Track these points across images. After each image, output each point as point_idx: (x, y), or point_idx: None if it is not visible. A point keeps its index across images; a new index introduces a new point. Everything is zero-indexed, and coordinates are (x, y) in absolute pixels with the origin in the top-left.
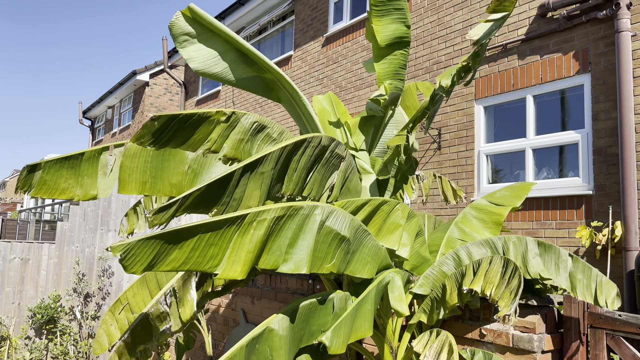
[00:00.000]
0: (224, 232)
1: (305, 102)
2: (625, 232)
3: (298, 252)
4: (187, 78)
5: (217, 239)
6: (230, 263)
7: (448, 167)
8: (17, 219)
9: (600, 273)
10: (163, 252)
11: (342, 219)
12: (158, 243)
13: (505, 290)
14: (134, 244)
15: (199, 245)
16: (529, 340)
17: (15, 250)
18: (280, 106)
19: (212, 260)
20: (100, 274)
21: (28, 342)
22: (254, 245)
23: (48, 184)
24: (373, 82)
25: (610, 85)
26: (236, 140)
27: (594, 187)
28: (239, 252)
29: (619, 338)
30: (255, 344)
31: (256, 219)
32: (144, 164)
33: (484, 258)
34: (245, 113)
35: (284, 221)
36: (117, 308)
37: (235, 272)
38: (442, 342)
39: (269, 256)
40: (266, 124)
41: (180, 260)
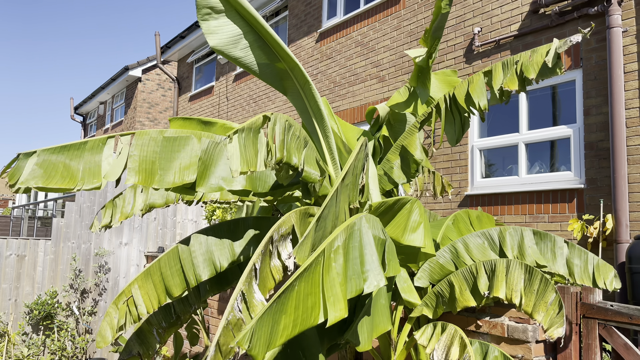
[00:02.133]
0: (313, 274)
1: (315, 95)
2: (616, 225)
3: (370, 267)
4: (180, 73)
5: (309, 286)
6: (332, 305)
7: (442, 162)
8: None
9: (596, 256)
10: (276, 324)
11: (377, 223)
12: (269, 317)
13: (540, 303)
14: (253, 327)
15: (299, 303)
16: (523, 331)
17: (11, 247)
18: (275, 101)
19: (315, 310)
20: (97, 270)
21: (25, 338)
22: (342, 278)
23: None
24: (367, 78)
25: (602, 80)
26: (280, 142)
27: (585, 180)
28: (334, 290)
29: (611, 327)
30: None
31: (331, 249)
32: (152, 155)
33: (498, 261)
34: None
35: (347, 241)
36: (120, 301)
37: (341, 311)
38: (450, 335)
39: (350, 283)
40: (292, 123)
41: (289, 326)
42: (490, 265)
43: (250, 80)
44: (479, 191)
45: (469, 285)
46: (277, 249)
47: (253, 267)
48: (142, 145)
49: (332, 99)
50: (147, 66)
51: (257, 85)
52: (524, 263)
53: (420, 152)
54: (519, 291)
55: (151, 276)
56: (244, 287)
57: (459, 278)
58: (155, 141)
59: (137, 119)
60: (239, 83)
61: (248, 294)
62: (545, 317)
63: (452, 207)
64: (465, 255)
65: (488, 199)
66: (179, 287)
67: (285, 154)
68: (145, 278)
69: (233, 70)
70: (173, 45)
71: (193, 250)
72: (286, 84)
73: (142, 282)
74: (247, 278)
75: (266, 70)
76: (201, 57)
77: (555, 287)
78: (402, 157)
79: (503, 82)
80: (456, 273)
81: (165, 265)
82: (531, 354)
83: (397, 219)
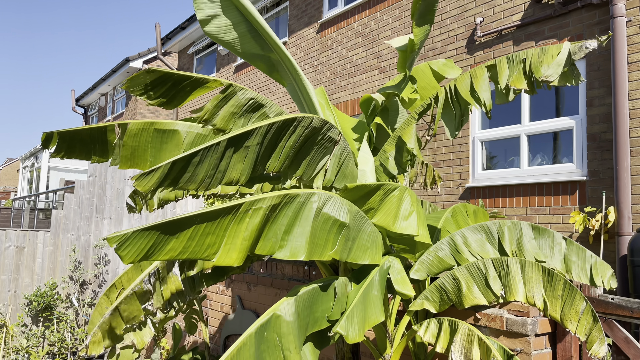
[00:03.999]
0: (220, 221)
1: (306, 85)
2: (618, 218)
3: (295, 239)
4: (181, 65)
5: (213, 228)
6: (226, 251)
7: (443, 154)
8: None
9: (594, 255)
10: (160, 243)
11: (340, 205)
12: (154, 234)
13: (571, 312)
14: (129, 235)
15: (195, 235)
16: (522, 324)
17: (10, 239)
18: (275, 93)
19: (209, 249)
20: (97, 262)
21: (25, 330)
22: (249, 233)
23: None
24: (368, 69)
25: (605, 71)
26: (229, 113)
27: (587, 172)
28: (235, 240)
29: (612, 321)
30: (264, 331)
31: (252, 207)
32: (144, 144)
33: (511, 261)
34: (242, 88)
35: (280, 209)
36: (112, 292)
37: (231, 259)
38: (465, 335)
39: (265, 242)
40: (264, 103)
41: (177, 249)
42: (500, 263)
43: (250, 72)
44: (480, 183)
45: (477, 283)
46: None
47: None
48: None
49: (332, 90)
50: (148, 57)
51: (257, 77)
52: (541, 265)
53: (414, 142)
54: (540, 294)
55: (141, 268)
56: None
57: (464, 274)
58: (146, 132)
59: (138, 110)
60: (240, 74)
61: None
62: (580, 327)
63: (453, 200)
64: (464, 248)
65: (489, 191)
66: None
67: (232, 127)
68: (134, 270)
69: (234, 62)
70: (174, 36)
71: None
72: (280, 74)
73: (132, 274)
74: None
75: (259, 60)
76: (202, 49)
77: None
78: (397, 147)
79: (510, 80)
80: (460, 268)
81: None
82: (530, 347)
83: (385, 207)
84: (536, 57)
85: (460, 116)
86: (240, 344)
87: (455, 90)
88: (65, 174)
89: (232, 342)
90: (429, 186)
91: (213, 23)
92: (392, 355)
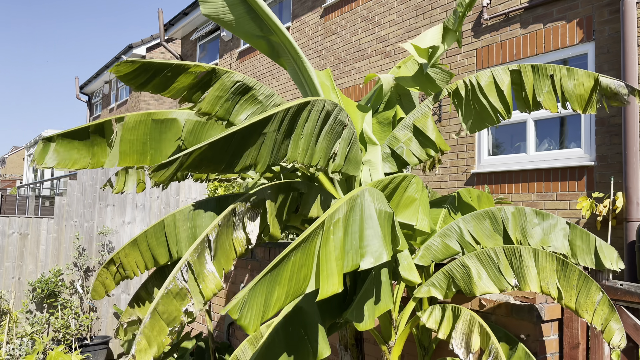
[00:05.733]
0: (308, 248)
1: (308, 68)
2: (627, 203)
3: (369, 243)
4: (184, 51)
5: (304, 258)
6: (325, 279)
7: (448, 140)
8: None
9: (598, 239)
10: (269, 296)
11: (382, 197)
12: (262, 288)
13: (587, 303)
14: (246, 298)
15: (293, 274)
16: (529, 310)
17: (13, 225)
18: (279, 79)
19: (305, 282)
20: (101, 249)
21: (29, 316)
22: (339, 252)
23: (62, 155)
24: (372, 54)
25: (614, 53)
26: (214, 97)
27: (595, 158)
28: (329, 264)
29: (621, 307)
30: (289, 326)
31: (332, 222)
32: (143, 137)
33: (523, 249)
34: (227, 71)
35: (349, 215)
36: (111, 266)
37: (334, 286)
38: (467, 322)
39: (347, 258)
40: (252, 85)
41: (282, 297)
42: (512, 252)
43: (254, 58)
44: (486, 169)
45: (488, 271)
46: (242, 221)
47: (206, 239)
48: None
49: (336, 76)
50: (151, 44)
51: (260, 63)
52: (554, 254)
53: (437, 134)
54: (555, 284)
55: (138, 245)
56: (191, 257)
57: (474, 261)
58: (144, 124)
59: (141, 97)
60: (243, 60)
61: (197, 265)
62: (596, 317)
63: (458, 186)
64: (468, 234)
65: (495, 177)
66: (163, 257)
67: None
68: (132, 247)
69: (237, 48)
70: (176, 22)
71: (178, 225)
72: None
73: (130, 251)
74: (196, 249)
75: (260, 40)
76: (205, 35)
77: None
78: (415, 137)
79: (541, 99)
80: (470, 255)
81: (151, 236)
82: (537, 334)
83: (396, 196)
84: (566, 79)
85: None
86: (268, 341)
87: (479, 89)
88: None
89: (235, 328)
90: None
91: (212, 3)
92: (397, 342)
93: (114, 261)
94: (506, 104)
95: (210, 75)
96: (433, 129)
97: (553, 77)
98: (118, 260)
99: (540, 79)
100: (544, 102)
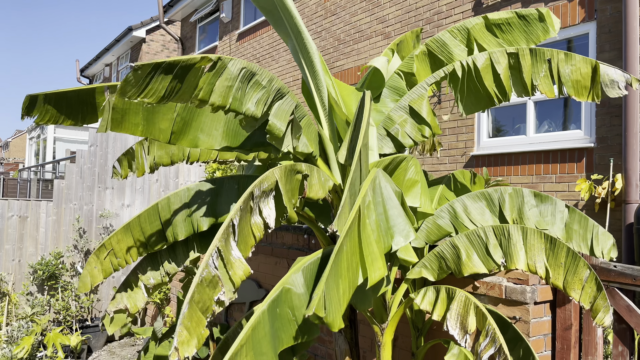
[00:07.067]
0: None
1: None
2: (626, 185)
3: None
4: (184, 33)
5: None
6: (370, 264)
7: (448, 122)
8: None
9: (596, 224)
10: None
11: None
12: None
13: (575, 280)
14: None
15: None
16: (521, 292)
17: (12, 208)
18: (278, 61)
19: (357, 271)
20: (101, 232)
21: (30, 298)
22: (376, 234)
23: (51, 111)
24: (372, 35)
25: (616, 33)
26: (225, 87)
27: (595, 139)
28: (371, 247)
29: (614, 289)
30: (276, 307)
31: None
32: (136, 106)
33: (512, 228)
34: (231, 59)
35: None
36: (101, 253)
37: (380, 270)
38: (462, 302)
39: (382, 240)
40: (255, 71)
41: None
42: (501, 231)
43: (253, 39)
44: (485, 151)
45: (477, 251)
46: (258, 206)
47: (231, 224)
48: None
49: (336, 57)
50: (151, 26)
51: (260, 45)
52: (543, 232)
53: (432, 117)
54: (542, 262)
55: (131, 230)
56: (220, 243)
57: (464, 242)
58: None
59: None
60: (242, 42)
61: (225, 251)
62: (584, 295)
63: (458, 168)
64: (464, 216)
65: (494, 159)
66: (158, 242)
67: (231, 100)
68: (124, 232)
69: (236, 29)
70: (176, 3)
71: (172, 208)
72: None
73: (122, 236)
74: (223, 234)
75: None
76: (204, 16)
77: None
78: (411, 119)
79: (537, 83)
80: (460, 236)
81: (145, 220)
82: (529, 315)
83: (395, 178)
84: (563, 64)
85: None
86: (254, 323)
87: (475, 71)
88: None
89: (234, 310)
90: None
91: None
92: (389, 323)
93: (105, 247)
94: (502, 87)
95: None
96: (428, 111)
97: (550, 62)
98: (110, 246)
99: (537, 63)
100: (541, 87)
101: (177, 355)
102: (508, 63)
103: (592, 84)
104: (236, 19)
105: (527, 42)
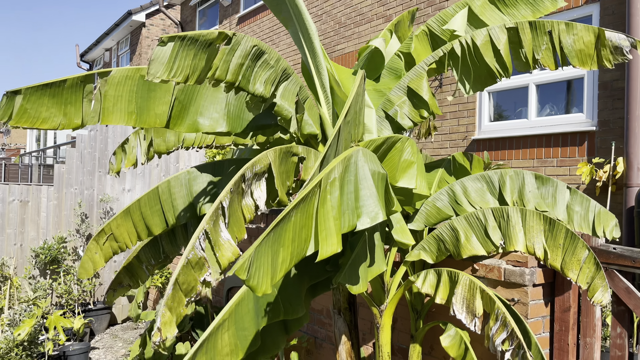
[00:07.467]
0: (307, 208)
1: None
2: (627, 168)
3: (365, 203)
4: (184, 17)
5: (304, 218)
6: (324, 239)
7: (449, 105)
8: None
9: (598, 204)
10: (275, 257)
11: (374, 158)
12: (267, 246)
13: (573, 261)
14: (252, 258)
15: (295, 235)
16: (520, 274)
17: (13, 193)
18: (278, 45)
19: (307, 243)
20: (102, 216)
21: (32, 282)
22: (337, 212)
23: (29, 112)
24: (373, 18)
25: (620, 15)
26: (237, 65)
27: (597, 122)
28: (328, 223)
29: (613, 271)
30: None
31: (328, 181)
32: (129, 94)
33: (511, 210)
34: (245, 36)
35: (344, 175)
36: (101, 238)
37: (333, 246)
38: (466, 286)
39: (344, 218)
40: (264, 49)
41: (287, 259)
42: (500, 213)
43: (253, 23)
44: (486, 135)
45: (476, 233)
46: (250, 188)
47: (220, 206)
48: (118, 85)
49: (337, 41)
50: (151, 10)
51: (260, 28)
52: (542, 214)
53: (431, 96)
54: (541, 243)
55: (131, 215)
56: (207, 225)
57: (463, 224)
58: (131, 79)
59: (142, 65)
60: (242, 26)
61: (213, 233)
62: (581, 276)
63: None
64: (463, 198)
65: (496, 143)
66: (158, 226)
67: (240, 78)
68: (124, 217)
69: (236, 13)
70: None
71: (173, 192)
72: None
73: (122, 221)
74: (212, 216)
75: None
76: (204, 0)
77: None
78: (409, 100)
79: (540, 57)
80: (459, 218)
81: (145, 205)
82: (527, 297)
83: (389, 159)
84: (564, 34)
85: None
86: (238, 299)
87: (474, 49)
88: None
89: (234, 294)
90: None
91: None
92: (388, 305)
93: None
94: (503, 63)
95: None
96: (427, 91)
97: (551, 33)
98: (109, 230)
99: (538, 36)
100: (543, 60)
101: (160, 335)
102: (508, 38)
103: (596, 51)
104: (236, 2)
105: (533, 15)
